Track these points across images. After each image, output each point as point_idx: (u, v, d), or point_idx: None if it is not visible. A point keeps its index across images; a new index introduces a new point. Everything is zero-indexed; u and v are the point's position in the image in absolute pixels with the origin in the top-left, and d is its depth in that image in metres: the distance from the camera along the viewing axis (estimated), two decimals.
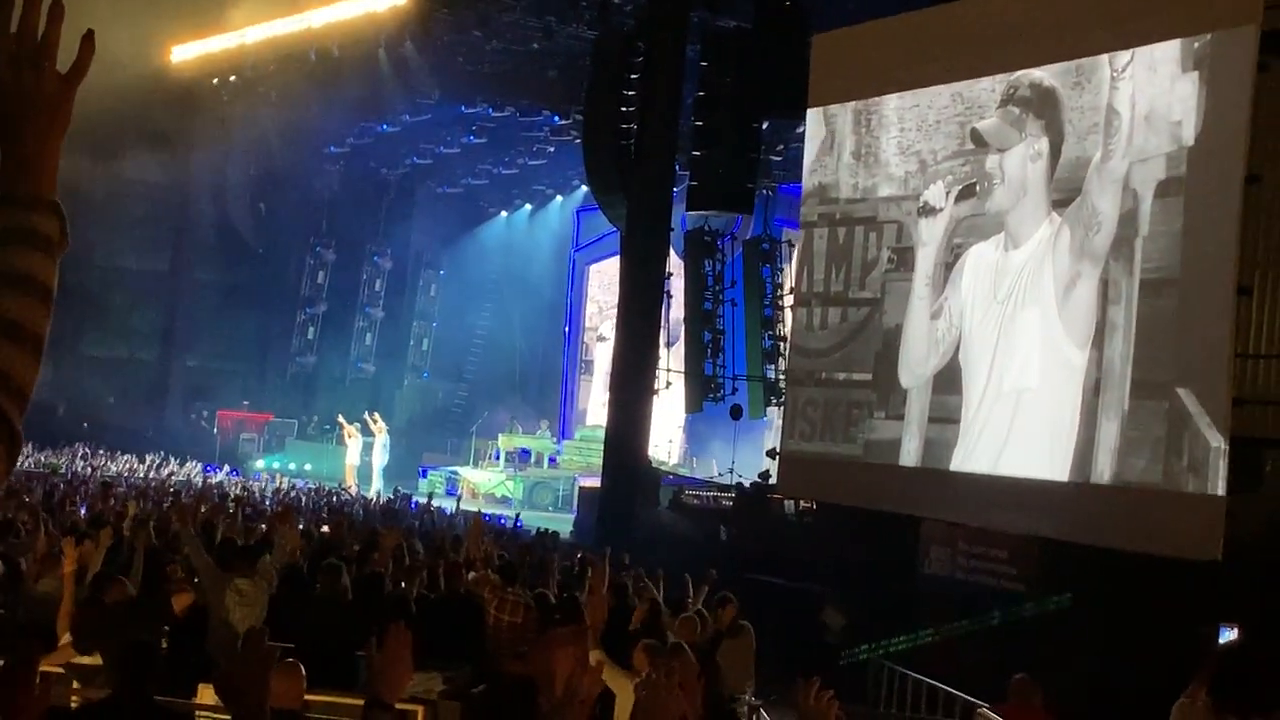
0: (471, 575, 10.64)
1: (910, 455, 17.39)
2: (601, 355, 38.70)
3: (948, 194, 17.37)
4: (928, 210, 17.66)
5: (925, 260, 17.65)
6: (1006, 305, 16.11)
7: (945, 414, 16.93)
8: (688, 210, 25.88)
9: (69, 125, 1.95)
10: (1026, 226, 15.99)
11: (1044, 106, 16.00)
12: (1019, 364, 15.89)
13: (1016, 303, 15.96)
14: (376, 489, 31.20)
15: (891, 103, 18.38)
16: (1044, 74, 16.01)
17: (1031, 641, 14.70)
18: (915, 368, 17.60)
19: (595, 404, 38.37)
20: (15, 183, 1.88)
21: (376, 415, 34.54)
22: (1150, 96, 14.40)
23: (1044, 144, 15.92)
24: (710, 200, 25.32)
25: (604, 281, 37.67)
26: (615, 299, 27.91)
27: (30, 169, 1.89)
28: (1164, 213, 14.12)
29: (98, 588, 8.38)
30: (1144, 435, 14.06)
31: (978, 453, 16.35)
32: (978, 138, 16.84)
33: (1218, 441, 13.14)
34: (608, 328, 37.85)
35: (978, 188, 16.86)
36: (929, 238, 17.62)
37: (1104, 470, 14.47)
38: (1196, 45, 13.90)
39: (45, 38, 1.91)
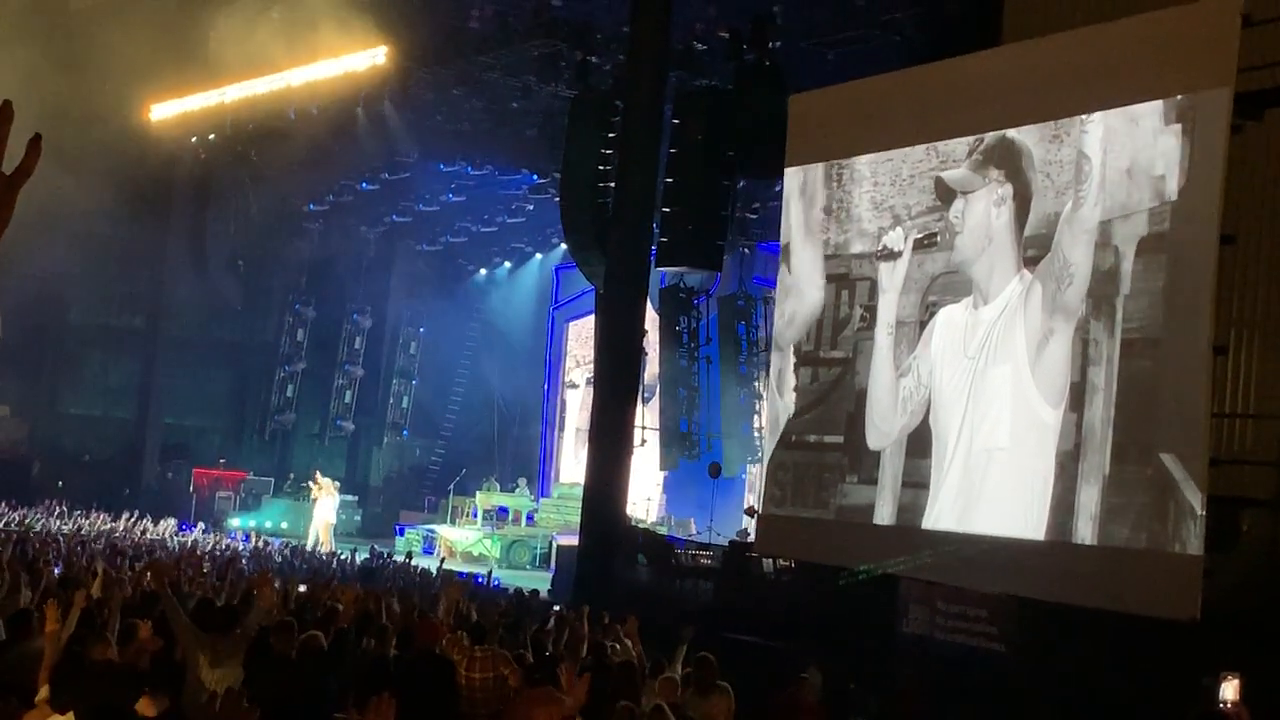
0: (445, 639, 10.59)
1: (884, 519, 17.35)
2: (572, 403, 38.67)
3: (906, 237, 17.41)
4: (887, 254, 17.69)
5: (887, 308, 17.65)
6: (977, 360, 16.10)
7: (918, 478, 16.87)
8: (657, 267, 25.94)
9: (7, 225, 1.92)
10: (995, 281, 16.01)
11: (1006, 155, 16.07)
12: (990, 422, 15.87)
13: (988, 359, 15.96)
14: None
15: (865, 157, 18.43)
16: (1013, 129, 16.09)
17: (1014, 701, 14.64)
18: (881, 424, 17.55)
19: (568, 458, 38.28)
20: None
21: (317, 473, 34.49)
22: (1132, 151, 14.39)
23: (1008, 190, 15.96)
24: (679, 257, 25.33)
25: (582, 336, 37.66)
26: (593, 352, 27.91)
27: None
28: (1146, 270, 14.11)
29: (82, 643, 8.31)
30: (1127, 502, 14.00)
31: (950, 512, 16.32)
32: (941, 186, 16.90)
33: (1197, 502, 13.13)
34: (579, 374, 37.83)
35: (939, 238, 16.91)
36: (889, 285, 17.64)
37: (1084, 534, 14.43)
38: (1180, 99, 13.97)
39: None
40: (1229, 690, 11.84)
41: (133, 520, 30.34)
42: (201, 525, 33.25)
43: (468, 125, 31.31)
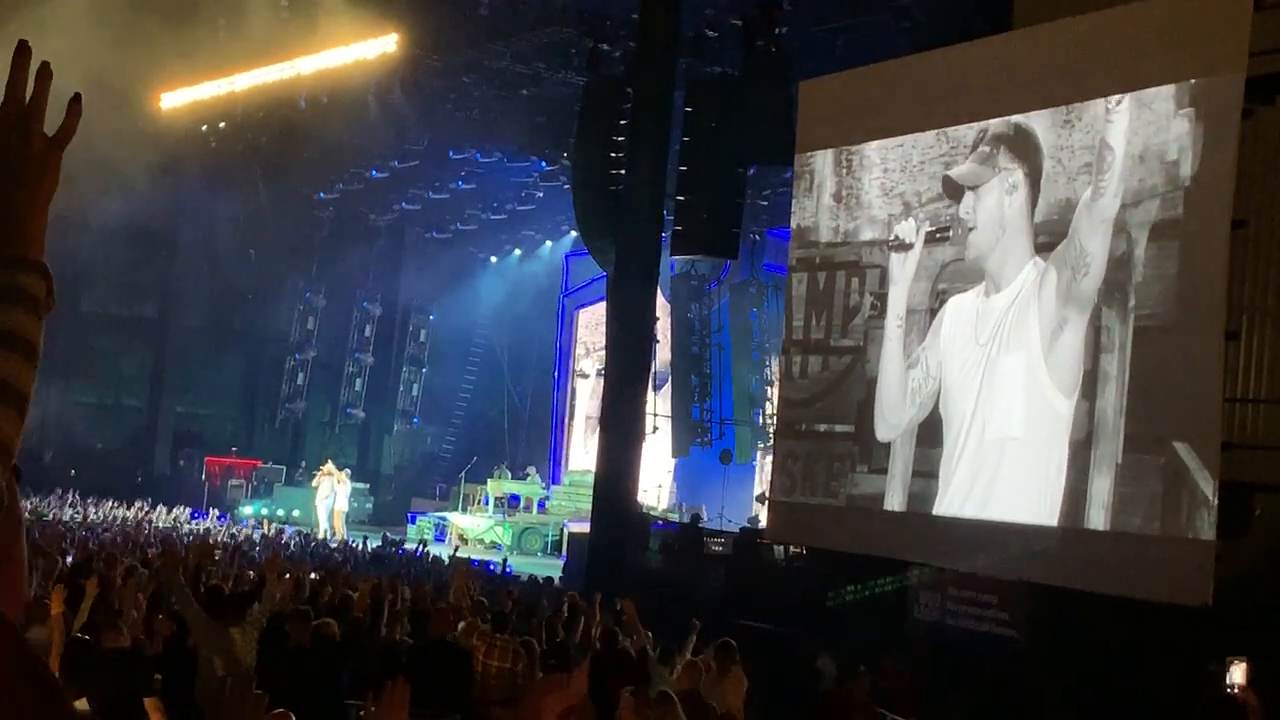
0: (461, 625, 10.61)
1: (894, 507, 17.32)
2: (583, 390, 38.69)
3: (918, 229, 17.34)
4: (899, 245, 17.62)
5: (897, 299, 17.58)
6: (989, 348, 16.03)
7: (929, 467, 16.81)
8: (672, 255, 25.91)
9: (56, 187, 1.96)
10: (1009, 269, 15.94)
11: (1015, 141, 15.99)
12: (1002, 411, 15.81)
13: (1000, 347, 15.89)
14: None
15: (874, 143, 18.36)
16: (1021, 114, 16.02)
17: (1024, 685, 14.64)
18: (890, 416, 17.49)
19: (579, 445, 38.29)
20: (3, 244, 1.89)
21: (330, 460, 34.62)
22: (1145, 135, 14.33)
23: (1019, 177, 15.88)
24: (694, 245, 25.34)
25: (593, 324, 37.66)
26: (603, 339, 27.91)
27: (17, 231, 1.90)
28: (1159, 256, 14.04)
29: (94, 631, 8.34)
30: (1139, 491, 13.94)
31: (961, 500, 16.28)
32: (950, 184, 16.82)
33: (1209, 489, 13.10)
34: (588, 364, 37.84)
35: (953, 232, 16.84)
36: (900, 275, 17.57)
37: (1096, 522, 14.39)
38: (1193, 83, 13.91)
39: (32, 101, 1.92)
40: (1237, 674, 11.85)
41: (145, 509, 30.43)
42: (214, 513, 33.34)
43: (478, 113, 31.28)
